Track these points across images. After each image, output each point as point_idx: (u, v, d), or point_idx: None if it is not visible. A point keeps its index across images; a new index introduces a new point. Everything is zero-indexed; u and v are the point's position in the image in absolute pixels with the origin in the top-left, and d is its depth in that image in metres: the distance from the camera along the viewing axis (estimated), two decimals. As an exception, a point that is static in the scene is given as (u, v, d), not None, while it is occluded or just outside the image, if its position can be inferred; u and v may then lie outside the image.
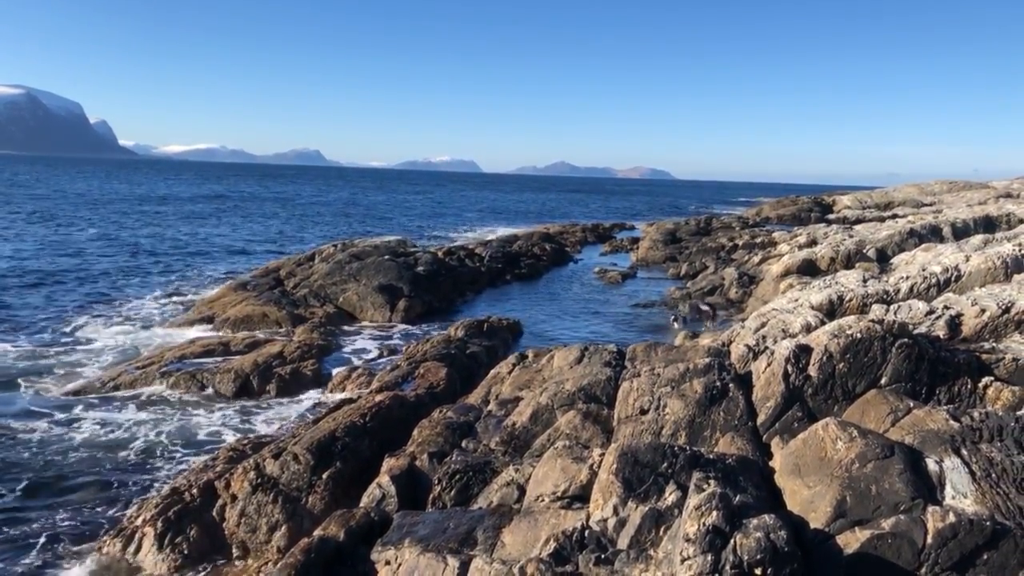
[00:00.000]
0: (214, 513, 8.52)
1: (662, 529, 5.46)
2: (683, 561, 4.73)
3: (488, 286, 26.16)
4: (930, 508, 5.28)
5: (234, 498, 8.65)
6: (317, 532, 6.76)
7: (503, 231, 47.54)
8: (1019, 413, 6.69)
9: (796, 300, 11.83)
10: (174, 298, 22.07)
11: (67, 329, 17.29)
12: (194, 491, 8.78)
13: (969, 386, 8.15)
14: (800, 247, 25.89)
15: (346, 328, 18.58)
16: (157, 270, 27.61)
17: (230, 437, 11.08)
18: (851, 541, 5.20)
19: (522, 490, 7.04)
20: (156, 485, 9.54)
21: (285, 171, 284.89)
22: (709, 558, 4.69)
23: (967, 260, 12.51)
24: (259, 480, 8.68)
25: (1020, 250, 12.67)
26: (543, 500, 6.49)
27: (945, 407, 6.92)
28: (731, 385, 8.18)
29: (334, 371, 14.31)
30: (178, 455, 10.47)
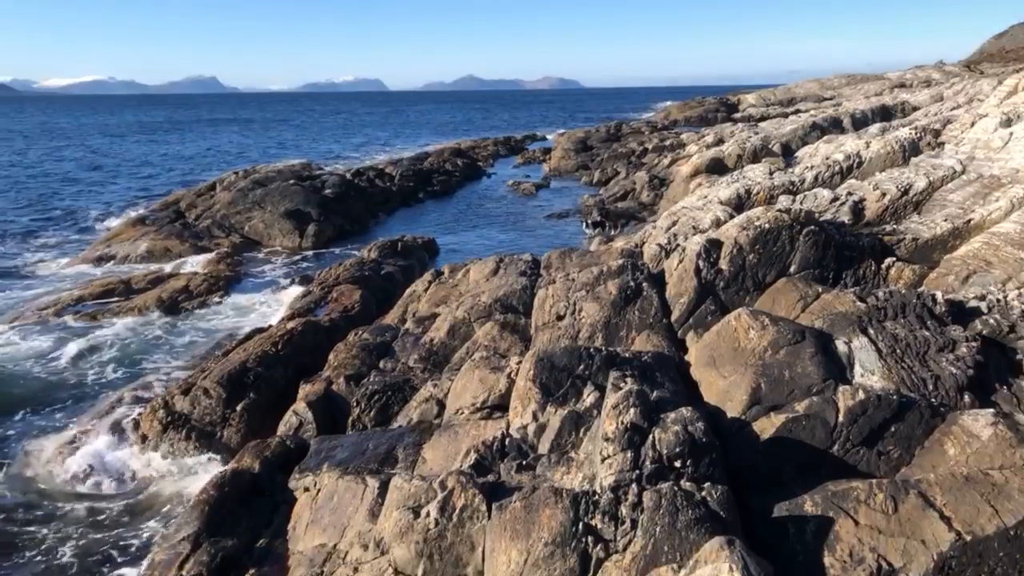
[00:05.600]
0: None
1: (582, 431, 5.42)
2: (603, 460, 4.69)
3: (401, 206, 25.61)
4: (840, 387, 5.37)
5: (144, 438, 8.30)
6: (230, 465, 6.51)
7: (413, 149, 46.47)
8: (919, 290, 6.88)
9: (705, 197, 11.86)
10: (71, 234, 20.90)
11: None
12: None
13: (873, 268, 8.35)
14: (708, 147, 26.08)
15: (255, 257, 17.94)
16: (51, 205, 26.02)
17: (135, 377, 10.54)
18: (767, 426, 5.27)
19: (442, 405, 6.92)
20: (58, 428, 8.99)
21: (183, 100, 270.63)
22: (629, 455, 4.66)
23: (867, 146, 12.74)
24: (168, 418, 8.33)
25: (916, 133, 12.97)
26: (463, 413, 6.38)
27: (852, 289, 7.05)
28: (644, 284, 8.15)
29: (243, 300, 13.82)
30: (72, 402, 9.82)
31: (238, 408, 8.48)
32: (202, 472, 7.66)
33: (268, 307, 13.53)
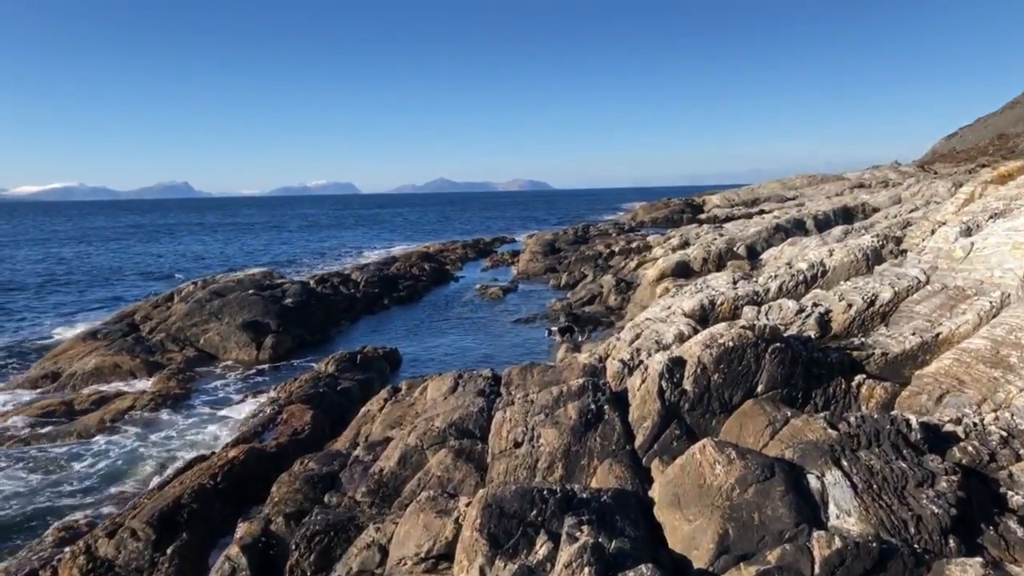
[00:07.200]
0: (38, 610, 7.41)
1: (534, 589, 4.87)
2: (554, 632, 4.15)
3: (365, 313, 25.11)
4: (815, 534, 4.90)
5: (61, 590, 7.52)
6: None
7: (381, 252, 46.41)
8: (893, 414, 6.50)
9: (669, 307, 11.57)
10: (18, 349, 20.05)
11: None
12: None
13: (843, 386, 7.99)
14: (674, 249, 26.19)
15: (210, 371, 17.24)
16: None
17: (67, 514, 9.73)
18: (737, 580, 4.76)
19: (384, 551, 6.31)
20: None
21: (154, 206, 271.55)
22: (583, 626, 4.12)
23: (831, 255, 12.63)
24: (90, 565, 7.58)
25: (878, 240, 12.93)
26: (405, 564, 5.79)
27: (822, 414, 6.66)
28: (606, 407, 7.72)
29: (192, 421, 13.12)
30: (-2, 543, 9.06)
31: (168, 551, 7.76)
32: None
33: (218, 428, 12.83)
